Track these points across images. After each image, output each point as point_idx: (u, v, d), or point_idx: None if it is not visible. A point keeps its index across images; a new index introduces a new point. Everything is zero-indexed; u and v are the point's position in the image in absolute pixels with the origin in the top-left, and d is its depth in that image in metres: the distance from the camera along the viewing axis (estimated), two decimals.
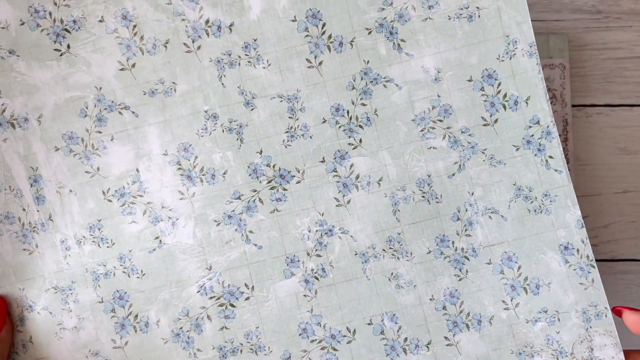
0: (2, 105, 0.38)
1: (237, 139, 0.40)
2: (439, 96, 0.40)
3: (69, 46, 0.38)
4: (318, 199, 0.41)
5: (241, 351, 0.40)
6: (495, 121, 0.41)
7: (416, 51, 0.40)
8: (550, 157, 0.40)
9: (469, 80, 0.40)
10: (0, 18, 0.37)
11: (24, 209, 0.39)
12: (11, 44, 0.37)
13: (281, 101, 0.40)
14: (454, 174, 0.40)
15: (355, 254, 0.41)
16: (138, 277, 0.40)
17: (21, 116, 0.38)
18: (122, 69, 0.39)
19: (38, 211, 0.40)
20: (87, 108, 0.39)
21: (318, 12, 0.40)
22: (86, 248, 0.40)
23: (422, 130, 0.41)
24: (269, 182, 0.41)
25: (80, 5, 0.38)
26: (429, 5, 0.40)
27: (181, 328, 0.40)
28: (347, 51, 0.40)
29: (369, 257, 0.41)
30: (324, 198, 0.41)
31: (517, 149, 0.40)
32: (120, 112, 0.39)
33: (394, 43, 0.40)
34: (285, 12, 0.39)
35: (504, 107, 0.40)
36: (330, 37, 0.40)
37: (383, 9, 0.40)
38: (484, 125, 0.41)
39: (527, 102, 0.40)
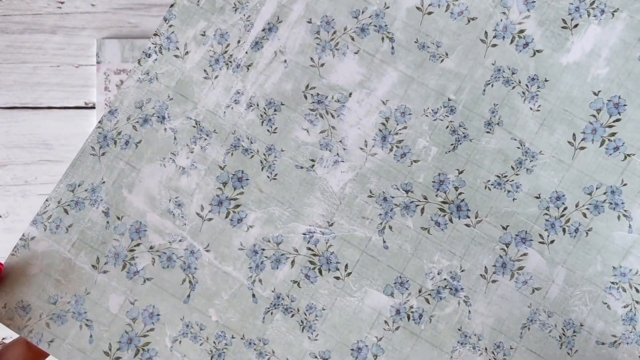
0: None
1: (452, 144, 0.36)
2: None
3: None
4: (468, 255, 0.36)
5: (286, 312, 0.36)
6: None
7: None
8: None
9: None
10: None
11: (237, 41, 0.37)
12: None
13: (513, 139, 0.36)
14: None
15: (459, 330, 0.36)
16: (270, 178, 0.37)
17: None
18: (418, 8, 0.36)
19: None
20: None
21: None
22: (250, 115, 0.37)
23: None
24: (444, 203, 0.36)
25: None
26: None
27: (263, 250, 0.37)
28: None
29: (469, 345, 0.36)
30: (475, 259, 0.36)
31: None
32: (385, 39, 0.37)
33: None
34: None
35: None
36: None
37: None
38: None
39: None
